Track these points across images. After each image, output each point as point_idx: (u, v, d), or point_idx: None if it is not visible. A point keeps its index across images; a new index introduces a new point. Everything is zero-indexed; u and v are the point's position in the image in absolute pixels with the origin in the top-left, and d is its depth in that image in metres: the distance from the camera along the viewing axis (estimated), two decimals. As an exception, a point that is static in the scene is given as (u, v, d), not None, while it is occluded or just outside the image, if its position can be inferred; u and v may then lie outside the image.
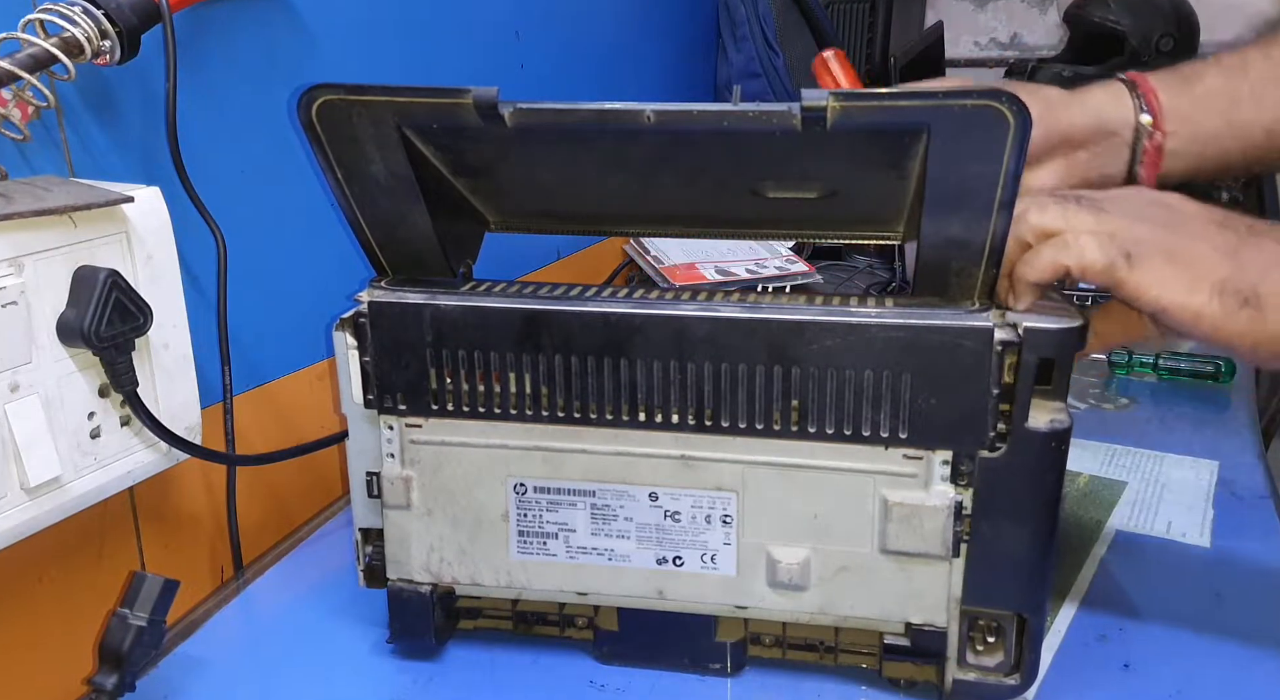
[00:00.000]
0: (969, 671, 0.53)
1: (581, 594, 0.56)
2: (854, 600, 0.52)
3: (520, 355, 0.52)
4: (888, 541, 0.51)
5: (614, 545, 0.54)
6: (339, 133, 0.51)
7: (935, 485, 0.50)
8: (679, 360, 0.51)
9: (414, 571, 0.57)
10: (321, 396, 0.79)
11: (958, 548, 0.50)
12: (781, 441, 0.51)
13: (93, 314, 0.52)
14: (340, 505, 0.78)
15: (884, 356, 0.49)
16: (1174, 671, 0.56)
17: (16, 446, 0.50)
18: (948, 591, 0.51)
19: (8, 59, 0.51)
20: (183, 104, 0.61)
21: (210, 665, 0.60)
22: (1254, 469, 0.77)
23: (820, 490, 0.51)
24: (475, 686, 0.57)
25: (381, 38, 0.83)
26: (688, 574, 0.54)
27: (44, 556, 0.57)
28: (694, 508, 0.53)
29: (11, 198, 0.49)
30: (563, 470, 0.54)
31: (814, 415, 0.50)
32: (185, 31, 0.62)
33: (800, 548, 0.52)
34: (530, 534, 0.55)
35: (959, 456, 0.49)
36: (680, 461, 0.52)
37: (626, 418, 0.52)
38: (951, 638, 0.52)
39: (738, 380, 0.50)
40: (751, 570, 0.53)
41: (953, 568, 0.51)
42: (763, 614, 0.54)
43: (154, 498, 0.64)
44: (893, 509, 0.50)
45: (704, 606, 0.55)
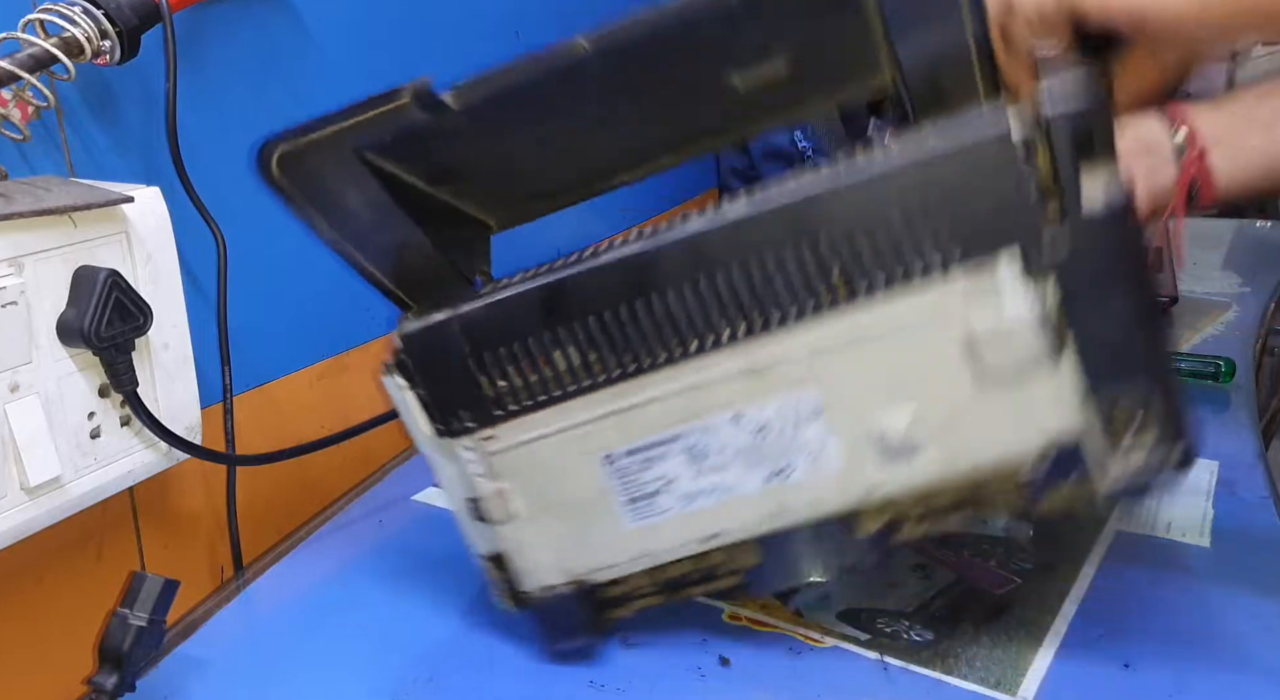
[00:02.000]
0: (1127, 461, 0.49)
1: (710, 538, 0.53)
2: (975, 443, 0.49)
3: (555, 331, 0.51)
4: (984, 370, 0.48)
5: (719, 479, 0.52)
6: (307, 180, 0.51)
7: (1010, 296, 0.47)
8: (707, 277, 0.49)
9: (546, 577, 0.56)
10: (322, 396, 0.79)
11: (1060, 344, 0.47)
12: (839, 316, 0.49)
13: (93, 314, 0.52)
14: (339, 505, 0.78)
15: (909, 195, 0.46)
16: (1174, 671, 0.56)
17: (16, 446, 0.50)
18: (1064, 396, 0.48)
19: (8, 59, 0.51)
20: (183, 104, 0.61)
21: (210, 665, 0.60)
22: (1254, 469, 0.77)
23: (898, 347, 0.49)
24: (475, 687, 0.57)
25: (381, 37, 0.82)
26: (800, 482, 0.51)
27: (44, 557, 0.57)
28: (779, 415, 0.51)
29: (11, 198, 0.49)
30: (641, 427, 0.52)
31: (858, 275, 0.48)
32: (185, 31, 0.62)
33: (900, 409, 0.49)
34: (638, 499, 0.53)
35: (1028, 255, 0.46)
36: (747, 374, 0.50)
37: (678, 352, 0.50)
38: (1093, 440, 0.49)
39: (770, 274, 0.48)
40: (859, 454, 0.50)
41: (1064, 370, 0.48)
42: (889, 491, 0.51)
43: (154, 498, 0.64)
44: (977, 336, 0.48)
45: (829, 506, 0.52)
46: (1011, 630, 0.60)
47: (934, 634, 0.60)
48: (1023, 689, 0.55)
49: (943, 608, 0.62)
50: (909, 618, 0.61)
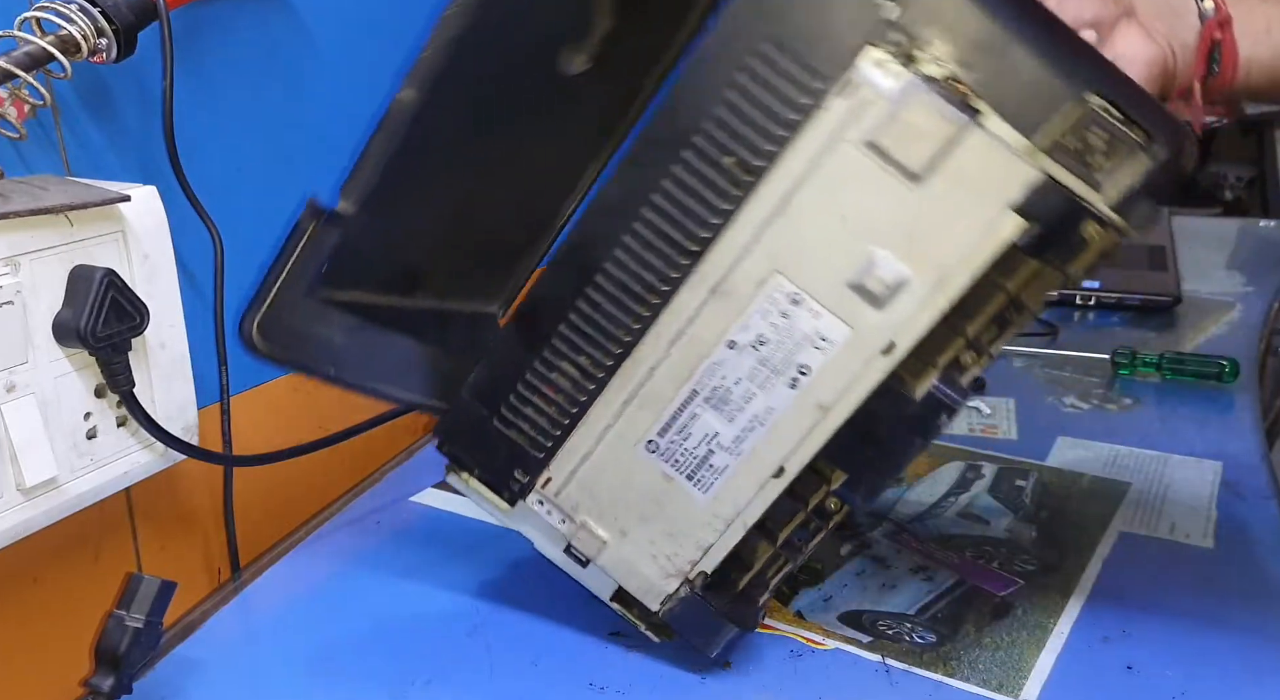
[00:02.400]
0: (1117, 180, 0.45)
1: (779, 472, 0.52)
2: (952, 246, 0.47)
3: (541, 355, 0.53)
4: (913, 167, 0.46)
5: (752, 412, 0.52)
6: (290, 338, 0.54)
7: (884, 90, 0.46)
8: (627, 231, 0.50)
9: (663, 586, 0.55)
10: (319, 397, 0.79)
11: (970, 105, 0.45)
12: (755, 199, 0.48)
13: (89, 314, 0.51)
14: (337, 506, 0.78)
15: (737, 52, 0.47)
16: (1177, 673, 0.55)
17: (12, 447, 0.50)
18: (1009, 148, 0.45)
19: (4, 57, 0.51)
20: (180, 102, 0.61)
21: (207, 667, 0.59)
22: (1258, 470, 0.77)
23: (818, 201, 0.47)
24: (475, 687, 0.57)
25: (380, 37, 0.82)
26: (822, 371, 0.50)
27: (40, 558, 0.57)
28: (764, 319, 0.50)
29: (8, 197, 0.49)
30: (659, 400, 0.52)
31: (746, 151, 0.48)
32: (182, 30, 0.62)
33: (860, 255, 0.48)
34: (695, 470, 0.53)
35: (887, 38, 0.45)
36: (714, 297, 0.50)
37: (645, 312, 0.51)
38: (1068, 178, 0.45)
39: (674, 194, 0.49)
40: (855, 315, 0.49)
41: (988, 124, 0.45)
42: (908, 331, 0.49)
43: (151, 499, 0.64)
44: (882, 145, 0.46)
45: (864, 383, 0.50)
46: (1014, 632, 0.59)
47: (936, 636, 0.59)
48: (1025, 691, 0.55)
49: (944, 610, 0.62)
50: (910, 620, 0.61)
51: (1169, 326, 1.06)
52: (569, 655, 0.59)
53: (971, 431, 0.84)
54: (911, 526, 0.71)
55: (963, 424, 0.85)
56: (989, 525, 0.71)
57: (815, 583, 0.65)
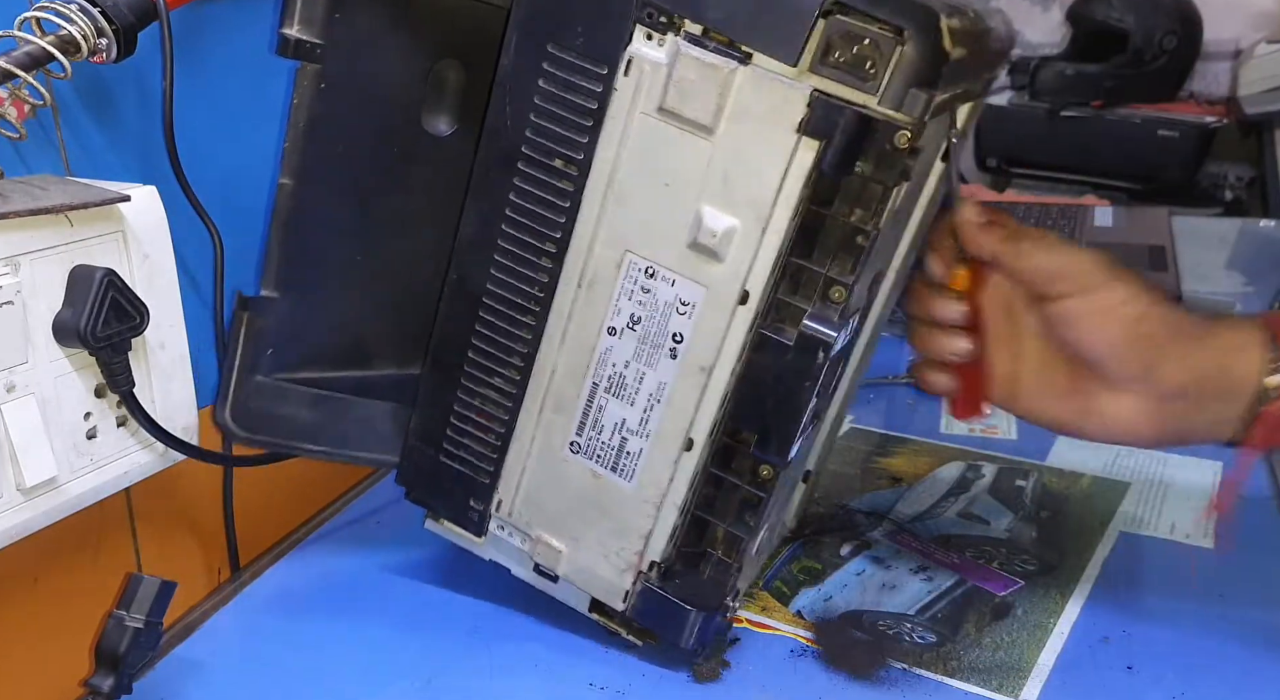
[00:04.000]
0: (890, 64, 0.45)
1: (688, 446, 0.53)
2: (759, 181, 0.48)
3: (460, 386, 0.57)
4: (700, 124, 0.48)
5: (647, 390, 0.53)
6: (265, 421, 0.60)
7: (657, 61, 0.48)
8: (494, 251, 0.54)
9: (620, 582, 0.56)
10: (320, 396, 0.79)
11: (736, 50, 0.47)
12: (589, 189, 0.51)
13: (89, 314, 0.51)
14: (337, 507, 0.78)
15: (531, 53, 0.50)
16: (1177, 673, 0.55)
17: (12, 447, 0.50)
18: (778, 75, 0.47)
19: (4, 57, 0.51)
20: (180, 102, 0.61)
21: (207, 667, 0.59)
22: (1257, 470, 0.77)
23: (639, 171, 0.50)
24: (475, 688, 0.57)
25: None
26: (693, 335, 0.51)
27: (40, 558, 0.57)
28: (630, 299, 0.52)
29: (8, 197, 0.49)
30: (567, 399, 0.55)
31: (558, 143, 0.51)
32: (182, 30, 0.62)
33: (686, 215, 0.50)
34: (615, 461, 0.55)
35: (646, 23, 0.48)
36: (583, 290, 0.53)
37: (530, 318, 0.54)
38: (829, 86, 0.46)
39: (522, 207, 0.52)
40: (703, 269, 0.50)
41: (756, 62, 0.47)
42: (755, 276, 0.50)
43: (151, 499, 0.64)
44: (668, 107, 0.49)
45: (734, 334, 0.51)
46: (1013, 632, 0.59)
47: (936, 636, 0.59)
48: (1025, 691, 0.55)
49: (944, 610, 0.62)
50: (911, 620, 0.61)
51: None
52: (569, 655, 0.59)
53: (971, 432, 0.84)
54: (911, 526, 0.71)
55: (963, 424, 0.85)
56: (989, 525, 0.71)
57: (815, 583, 0.65)
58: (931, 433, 0.84)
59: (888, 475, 0.78)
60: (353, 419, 0.61)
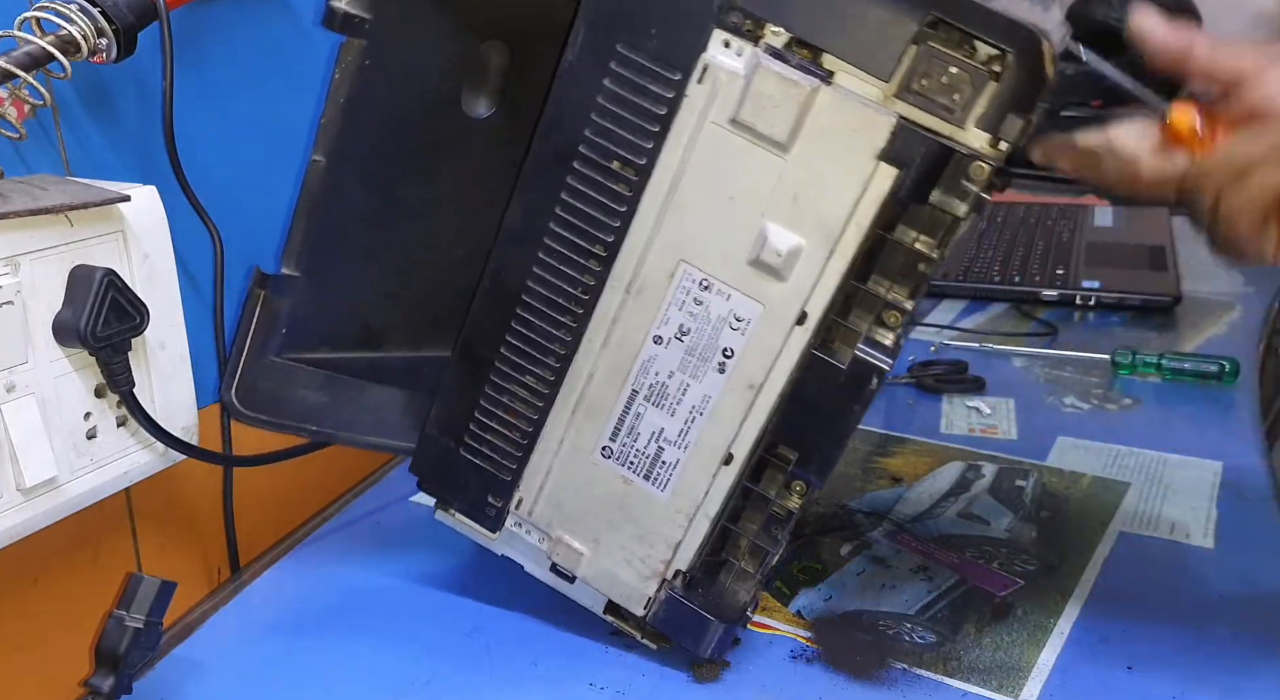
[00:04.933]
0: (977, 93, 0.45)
1: (727, 460, 0.52)
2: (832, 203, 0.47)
3: (489, 380, 0.55)
4: (776, 142, 0.47)
5: (690, 403, 0.52)
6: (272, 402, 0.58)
7: (736, 70, 0.47)
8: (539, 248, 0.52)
9: (643, 589, 0.56)
10: (320, 396, 0.79)
11: (819, 67, 0.46)
12: (648, 195, 0.50)
13: (89, 314, 0.51)
14: (337, 507, 0.78)
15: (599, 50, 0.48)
16: (1177, 673, 0.55)
17: (12, 447, 0.50)
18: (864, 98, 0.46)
19: (4, 57, 0.51)
20: (180, 103, 0.61)
21: (207, 667, 0.59)
22: (1258, 470, 0.77)
23: (701, 186, 0.49)
24: (475, 688, 0.57)
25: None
26: (744, 351, 0.51)
27: (40, 558, 0.57)
28: (681, 309, 0.51)
29: (7, 197, 0.49)
30: (603, 405, 0.54)
31: (623, 149, 0.49)
32: (182, 30, 0.62)
33: (751, 230, 0.49)
34: (649, 469, 0.54)
35: (729, 30, 0.47)
36: (631, 296, 0.52)
37: (571, 321, 0.53)
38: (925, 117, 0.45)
39: (573, 206, 0.51)
40: (762, 286, 0.49)
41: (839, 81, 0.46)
42: (816, 298, 0.49)
43: (150, 499, 0.64)
44: (744, 121, 0.47)
45: (787, 354, 0.50)
46: (1014, 632, 0.59)
47: (936, 636, 0.59)
48: (1025, 691, 0.55)
49: (944, 610, 0.62)
50: (911, 620, 0.61)
51: (1169, 326, 1.06)
52: (569, 655, 0.59)
53: (971, 432, 0.84)
54: (911, 526, 0.71)
55: (963, 424, 0.85)
56: (989, 525, 0.71)
57: (815, 583, 0.65)
58: (931, 433, 0.84)
59: (888, 475, 0.78)
60: (362, 403, 0.60)
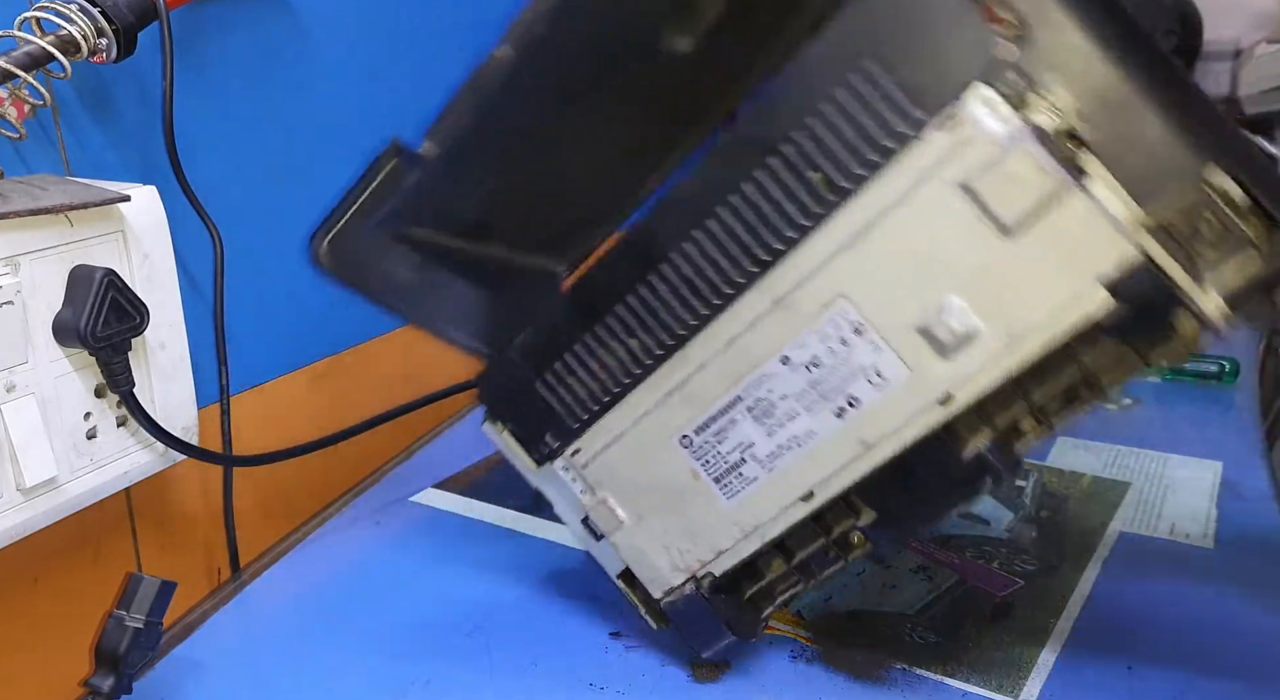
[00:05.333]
0: (1222, 275, 0.42)
1: (807, 496, 0.51)
2: (1029, 309, 0.44)
3: (594, 331, 0.52)
4: (1005, 221, 0.43)
5: (792, 431, 0.51)
6: (355, 265, 0.55)
7: (992, 127, 0.42)
8: (699, 227, 0.48)
9: (669, 578, 0.55)
10: (320, 397, 0.79)
11: (1077, 161, 0.42)
12: (836, 219, 0.46)
13: (89, 314, 0.51)
14: (337, 507, 0.78)
15: (839, 66, 0.44)
16: (1177, 675, 0.55)
17: (12, 447, 0.50)
18: (1112, 215, 0.42)
19: (4, 57, 0.51)
20: (180, 103, 0.61)
21: (207, 667, 0.59)
22: (1259, 470, 0.77)
23: (901, 233, 0.45)
24: (475, 687, 0.57)
25: (379, 37, 0.82)
26: (872, 407, 0.48)
27: (40, 558, 0.57)
28: (823, 342, 0.48)
29: (7, 197, 0.49)
30: (701, 398, 0.52)
31: (836, 170, 0.45)
32: (183, 30, 0.62)
33: (933, 298, 0.46)
34: (724, 474, 0.53)
35: (995, 78, 0.42)
36: (777, 310, 0.49)
37: (704, 310, 0.50)
38: (1167, 261, 0.42)
39: (751, 201, 0.47)
40: (917, 358, 0.47)
41: (1094, 186, 0.42)
42: (969, 386, 0.46)
43: (151, 499, 0.64)
44: (978, 188, 0.43)
45: (914, 427, 0.48)
46: (1013, 633, 0.59)
47: (936, 636, 0.59)
48: (1025, 691, 0.55)
49: (944, 610, 0.62)
50: (911, 620, 0.61)
51: (1169, 326, 1.05)
52: (569, 655, 0.59)
53: (971, 431, 0.83)
54: (912, 527, 0.71)
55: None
56: (989, 525, 0.71)
57: (815, 583, 0.64)
58: (931, 433, 0.84)
59: (888, 475, 0.78)
60: (447, 295, 0.58)
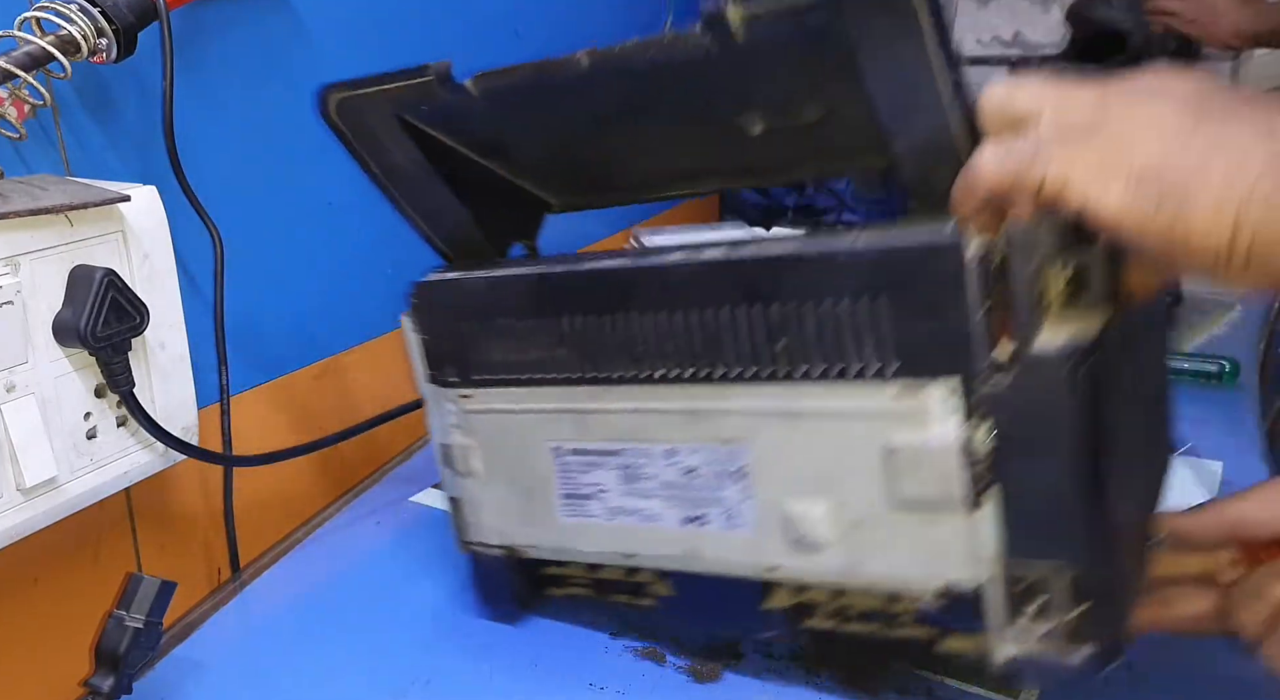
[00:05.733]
0: (1021, 642, 0.45)
1: (627, 555, 0.55)
2: (876, 559, 0.48)
3: (536, 319, 0.54)
4: (897, 490, 0.46)
5: (644, 505, 0.54)
6: (359, 129, 0.55)
7: (937, 423, 0.45)
8: (668, 310, 0.50)
9: (486, 535, 0.59)
10: (320, 397, 0.79)
11: (980, 492, 0.45)
12: (778, 387, 0.48)
13: (89, 314, 0.51)
14: (337, 506, 0.78)
15: (857, 283, 0.45)
16: (1177, 673, 0.55)
17: (12, 447, 0.50)
18: (975, 546, 0.46)
19: (4, 57, 0.51)
20: (180, 102, 0.61)
21: (207, 667, 0.59)
22: (1258, 470, 0.77)
23: (824, 438, 0.48)
24: (475, 687, 0.57)
25: (379, 37, 0.82)
26: (713, 534, 0.52)
27: (40, 558, 0.57)
28: (708, 463, 0.51)
29: (7, 197, 0.49)
30: (590, 431, 0.54)
31: (801, 355, 0.47)
32: (182, 30, 0.62)
33: (813, 502, 0.49)
34: (572, 496, 0.56)
35: (966, 388, 0.44)
36: (688, 415, 0.51)
37: (632, 374, 0.52)
38: (993, 601, 0.46)
39: (721, 325, 0.49)
40: (771, 528, 0.50)
41: (979, 517, 0.45)
42: (790, 576, 0.51)
43: (151, 499, 0.64)
44: (895, 453, 0.46)
45: (734, 567, 0.52)
46: (1014, 632, 0.59)
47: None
48: (1025, 691, 0.55)
49: (944, 609, 0.61)
50: (910, 620, 0.61)
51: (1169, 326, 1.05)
52: (569, 655, 0.59)
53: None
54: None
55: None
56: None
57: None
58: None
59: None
60: (432, 192, 0.58)
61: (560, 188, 0.62)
